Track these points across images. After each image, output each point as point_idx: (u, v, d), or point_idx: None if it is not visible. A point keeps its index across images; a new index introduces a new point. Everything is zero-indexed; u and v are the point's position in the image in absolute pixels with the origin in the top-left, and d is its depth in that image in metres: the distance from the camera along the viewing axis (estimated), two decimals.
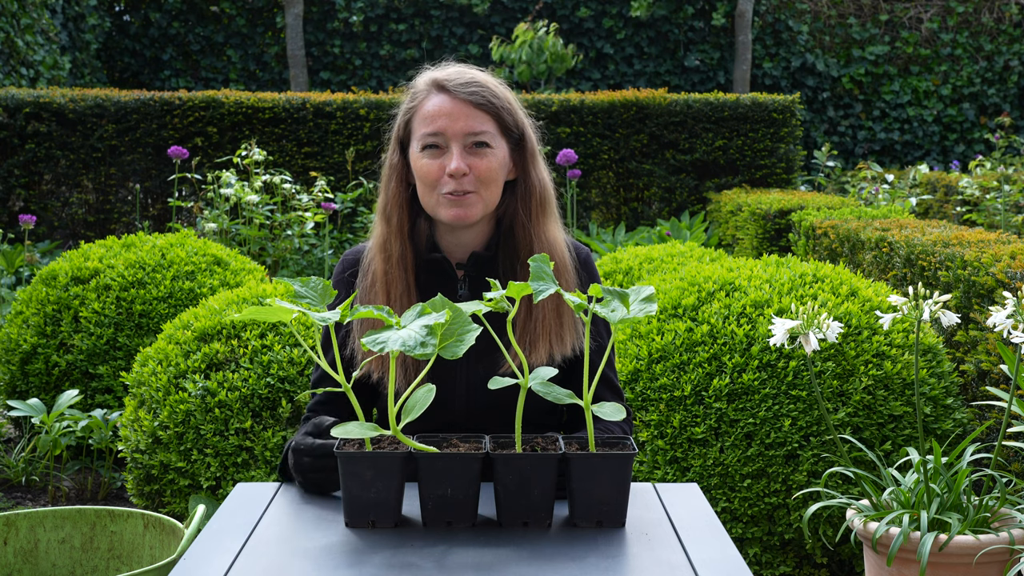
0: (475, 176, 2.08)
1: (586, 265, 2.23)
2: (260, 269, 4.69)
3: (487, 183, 2.09)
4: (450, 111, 2.08)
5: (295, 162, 8.76)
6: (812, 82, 14.26)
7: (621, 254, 5.01)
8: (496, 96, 2.11)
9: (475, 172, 2.08)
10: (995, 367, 3.16)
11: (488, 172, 2.08)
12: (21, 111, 8.57)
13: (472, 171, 2.08)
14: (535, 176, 2.16)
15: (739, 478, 2.95)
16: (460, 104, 2.08)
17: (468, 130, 2.08)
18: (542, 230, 2.15)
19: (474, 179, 2.08)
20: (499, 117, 2.10)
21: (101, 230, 8.81)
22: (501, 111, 2.10)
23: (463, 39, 14.07)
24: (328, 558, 1.61)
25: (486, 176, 2.08)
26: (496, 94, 2.11)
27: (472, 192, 2.08)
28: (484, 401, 2.09)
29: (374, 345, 1.60)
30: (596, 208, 9.39)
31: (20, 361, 4.27)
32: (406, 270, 2.12)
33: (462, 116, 2.08)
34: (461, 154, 2.07)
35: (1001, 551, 2.49)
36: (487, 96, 2.09)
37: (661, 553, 1.63)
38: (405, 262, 2.12)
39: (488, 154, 2.08)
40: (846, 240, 4.89)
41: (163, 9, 13.96)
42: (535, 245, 2.13)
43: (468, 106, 2.08)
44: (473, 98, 2.08)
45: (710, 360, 3.02)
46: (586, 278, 2.20)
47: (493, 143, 2.09)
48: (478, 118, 2.08)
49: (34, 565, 2.38)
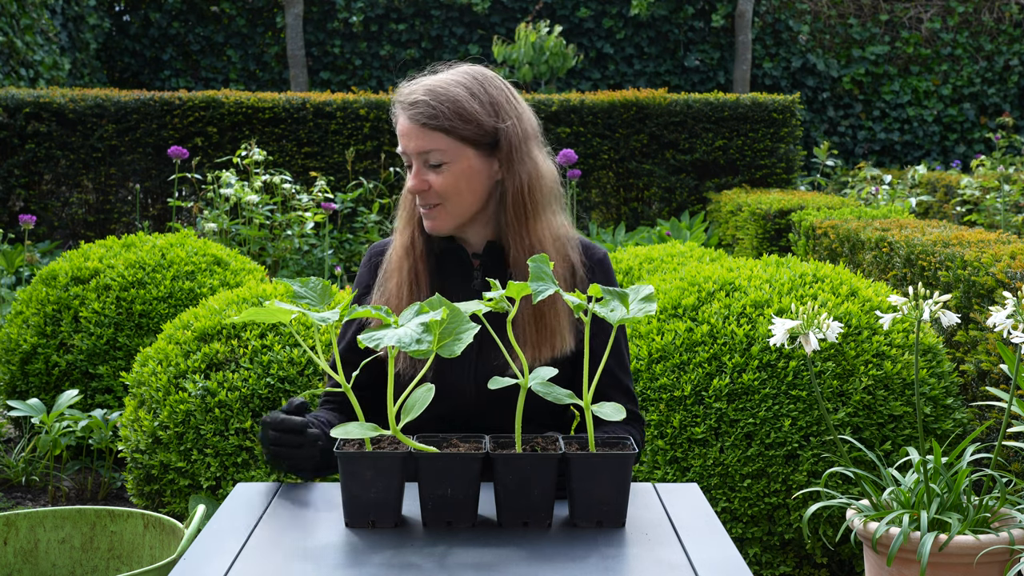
0: (434, 191, 2.12)
1: (600, 265, 2.22)
2: (260, 269, 4.69)
3: (448, 197, 2.12)
4: (406, 131, 2.11)
5: (295, 162, 8.77)
6: (812, 82, 14.26)
7: (621, 254, 5.01)
8: (445, 112, 2.08)
9: (434, 188, 2.11)
10: (995, 367, 3.16)
11: (445, 188, 2.11)
12: (21, 111, 8.57)
13: (431, 187, 2.11)
14: (516, 175, 2.15)
15: (739, 478, 2.95)
16: (411, 124, 2.10)
17: (419, 150, 2.11)
18: (527, 230, 2.14)
19: (434, 194, 2.12)
20: (452, 131, 2.09)
21: (101, 230, 8.81)
22: (455, 125, 2.09)
23: (463, 39, 14.08)
24: (328, 558, 1.61)
25: (444, 191, 2.11)
26: (446, 110, 2.09)
27: (437, 205, 2.13)
28: (494, 392, 2.10)
29: (371, 342, 1.61)
30: (596, 208, 9.39)
31: (20, 361, 4.26)
32: (416, 260, 2.18)
33: (414, 136, 2.10)
34: (420, 171, 2.12)
35: (1001, 551, 2.49)
36: (434, 114, 2.08)
37: (661, 553, 1.63)
38: (415, 252, 2.18)
39: (444, 170, 2.10)
40: (846, 240, 4.89)
41: (163, 9, 13.96)
42: (518, 247, 2.14)
43: (417, 126, 2.10)
44: (419, 119, 2.09)
45: (710, 360, 3.02)
46: (601, 279, 2.19)
47: (449, 158, 2.10)
48: (427, 137, 2.09)
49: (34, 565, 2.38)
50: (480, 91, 2.13)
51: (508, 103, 2.16)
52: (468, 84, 2.13)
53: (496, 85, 2.17)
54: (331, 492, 1.91)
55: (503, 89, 2.18)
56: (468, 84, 2.13)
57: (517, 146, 2.15)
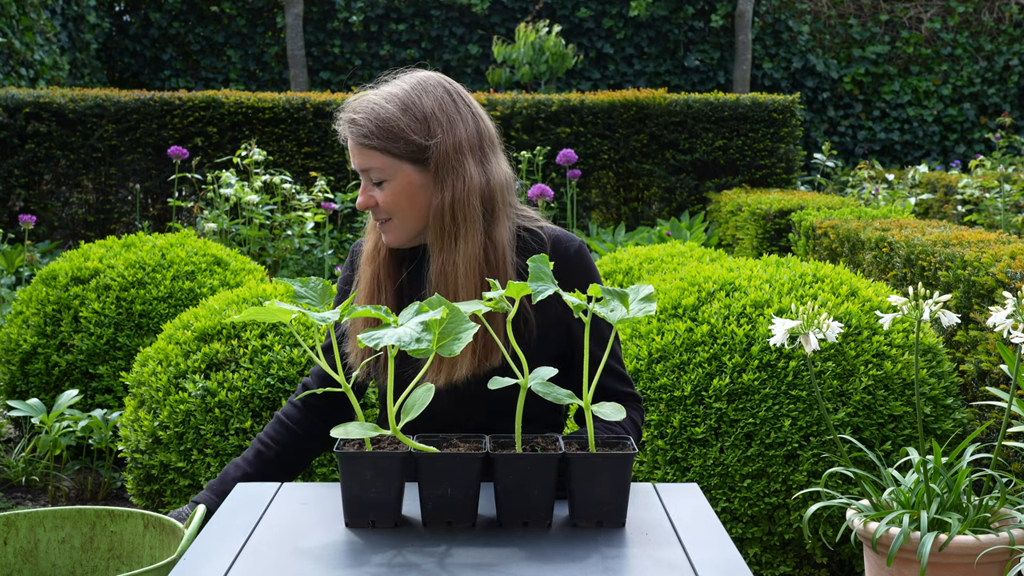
0: (381, 208, 2.15)
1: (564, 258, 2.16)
2: (260, 269, 4.69)
3: (394, 212, 2.14)
4: (350, 148, 2.15)
5: (295, 162, 8.77)
6: (812, 82, 14.26)
7: (621, 254, 5.01)
8: (376, 131, 2.09)
9: (380, 204, 2.14)
10: (995, 367, 3.16)
11: (388, 204, 2.13)
12: (21, 111, 8.57)
13: (377, 203, 2.14)
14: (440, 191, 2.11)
15: (739, 478, 2.95)
16: (352, 142, 2.14)
17: (360, 167, 2.14)
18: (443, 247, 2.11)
19: (381, 209, 2.15)
20: (384, 150, 2.10)
21: (101, 230, 8.81)
22: (385, 145, 2.10)
23: (463, 39, 14.08)
24: (328, 558, 1.61)
25: (388, 207, 2.14)
26: (375, 129, 2.09)
27: (387, 220, 2.16)
28: (465, 393, 2.11)
29: (370, 341, 1.61)
30: (596, 208, 9.39)
31: (20, 361, 4.27)
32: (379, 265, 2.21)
33: (355, 154, 2.14)
34: (366, 188, 2.15)
35: (1001, 551, 2.49)
36: (366, 134, 2.10)
37: (661, 553, 1.63)
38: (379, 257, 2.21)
39: (386, 187, 2.13)
40: (846, 240, 4.89)
41: (163, 9, 13.96)
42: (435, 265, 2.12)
43: (355, 144, 2.13)
44: (356, 138, 2.12)
45: (710, 360, 3.02)
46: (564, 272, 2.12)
47: (388, 175, 2.12)
48: (365, 155, 2.12)
49: (34, 565, 2.38)
50: (415, 104, 2.11)
51: (443, 113, 2.12)
52: (404, 99, 2.11)
53: (435, 95, 2.13)
54: (331, 492, 1.91)
55: (441, 99, 2.13)
56: (404, 99, 2.11)
57: (444, 162, 2.11)
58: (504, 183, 2.19)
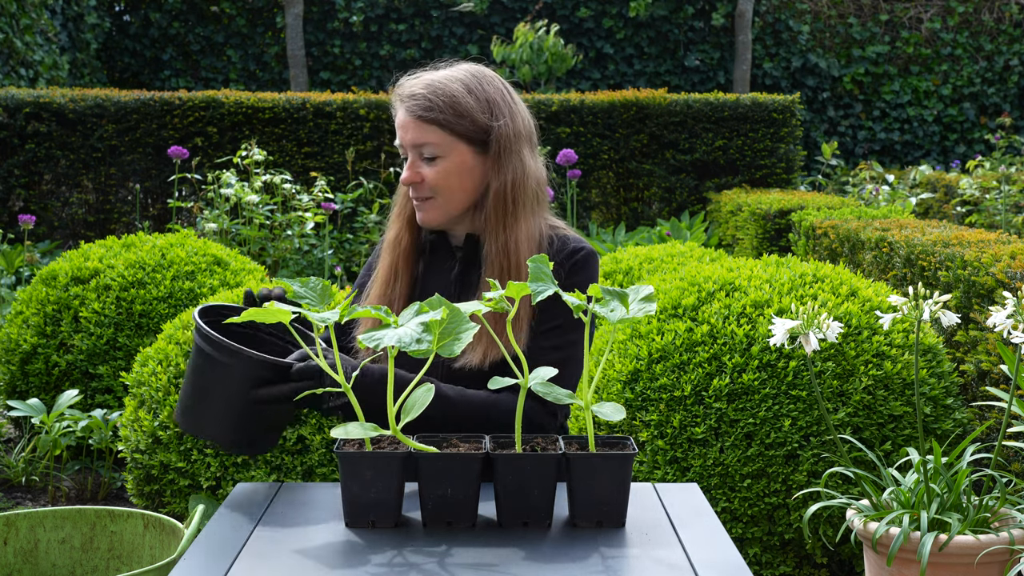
0: (427, 184, 2.16)
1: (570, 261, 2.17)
2: (260, 269, 4.69)
3: (441, 191, 2.16)
4: (403, 123, 2.16)
5: (295, 162, 8.77)
6: (812, 82, 14.26)
7: (621, 254, 5.01)
8: (442, 105, 2.13)
9: (427, 181, 2.16)
10: (995, 367, 3.16)
11: (437, 182, 2.15)
12: (21, 111, 8.57)
13: (424, 180, 2.16)
14: (502, 174, 2.17)
15: (739, 478, 2.95)
16: (408, 117, 2.15)
17: (414, 142, 2.15)
18: (503, 229, 2.16)
19: (427, 187, 2.17)
20: (446, 125, 2.13)
21: (101, 230, 8.81)
22: (449, 119, 2.13)
23: (463, 39, 14.08)
24: (328, 558, 1.61)
25: (436, 185, 2.16)
26: (442, 104, 2.13)
27: (430, 198, 2.18)
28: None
29: (370, 342, 1.61)
30: (596, 208, 9.39)
31: (20, 361, 4.26)
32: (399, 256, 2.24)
33: (410, 128, 2.15)
34: (414, 164, 2.17)
35: (1001, 551, 2.49)
36: (430, 107, 2.13)
37: (661, 553, 1.63)
38: (400, 247, 2.25)
39: (438, 164, 2.15)
40: (846, 240, 4.89)
41: (163, 9, 13.96)
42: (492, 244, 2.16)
43: (413, 118, 2.14)
44: (415, 111, 2.14)
45: (710, 360, 3.02)
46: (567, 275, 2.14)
47: (443, 152, 2.14)
48: (422, 130, 2.14)
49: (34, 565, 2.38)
50: (477, 88, 2.17)
51: (504, 102, 2.19)
52: (466, 81, 2.17)
53: (495, 84, 2.20)
54: (331, 492, 1.91)
55: (501, 88, 2.21)
56: (466, 81, 2.17)
57: (507, 146, 2.17)
58: (545, 179, 2.27)
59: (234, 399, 1.88)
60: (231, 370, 1.87)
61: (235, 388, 1.88)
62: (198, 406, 1.94)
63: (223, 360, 1.87)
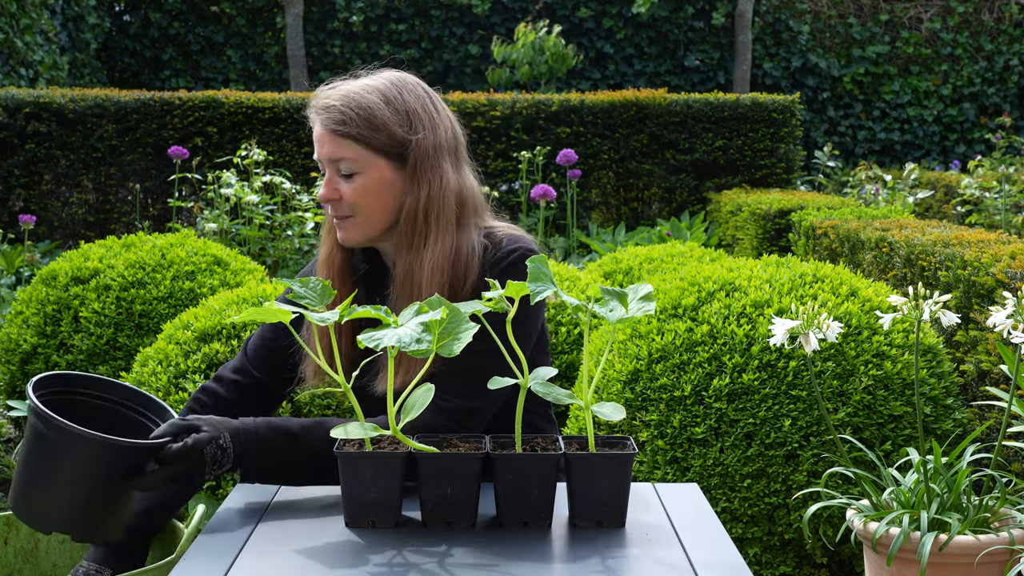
0: (345, 202, 2.06)
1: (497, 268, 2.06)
2: (260, 269, 4.69)
3: (359, 208, 2.05)
4: (318, 137, 2.05)
5: (295, 162, 8.77)
6: (812, 82, 14.26)
7: (621, 254, 5.01)
8: (357, 119, 2.02)
9: (345, 198, 2.05)
10: (995, 367, 3.16)
11: (355, 199, 2.05)
12: (21, 111, 8.57)
13: (342, 197, 2.05)
14: (416, 190, 2.05)
15: (739, 478, 2.95)
16: (323, 130, 2.04)
17: (330, 157, 2.05)
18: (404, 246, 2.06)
19: (346, 205, 2.06)
20: (362, 139, 2.02)
21: (101, 230, 8.81)
22: (364, 133, 2.02)
23: (463, 39, 14.08)
24: (328, 558, 1.61)
25: (354, 203, 2.05)
26: (356, 117, 2.01)
27: (349, 216, 2.07)
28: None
29: (370, 342, 1.61)
30: (596, 208, 9.39)
31: (20, 361, 4.27)
32: (333, 275, 2.15)
33: (326, 143, 2.04)
34: (331, 180, 2.06)
35: (1001, 551, 2.49)
36: (343, 120, 2.01)
37: (661, 553, 1.63)
38: (333, 267, 2.15)
39: (355, 180, 2.04)
40: (846, 240, 4.89)
41: (163, 9, 13.96)
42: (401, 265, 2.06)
43: (328, 132, 2.03)
44: (329, 125, 2.03)
45: (710, 360, 3.02)
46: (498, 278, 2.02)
47: (360, 168, 2.04)
48: (337, 144, 2.03)
49: (34, 565, 2.38)
50: (396, 98, 2.06)
51: (425, 112, 2.08)
52: (385, 91, 2.06)
53: (416, 93, 2.09)
54: (331, 492, 1.91)
55: (423, 97, 2.10)
56: (385, 91, 2.06)
57: (424, 159, 2.06)
58: (474, 192, 2.14)
59: (95, 486, 1.75)
60: (86, 455, 1.72)
61: (92, 473, 1.74)
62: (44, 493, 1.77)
63: (83, 446, 1.72)
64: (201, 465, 1.79)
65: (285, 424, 1.89)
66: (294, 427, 1.89)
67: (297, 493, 1.92)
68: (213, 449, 1.80)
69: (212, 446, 1.80)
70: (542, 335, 2.20)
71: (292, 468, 1.88)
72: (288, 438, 1.87)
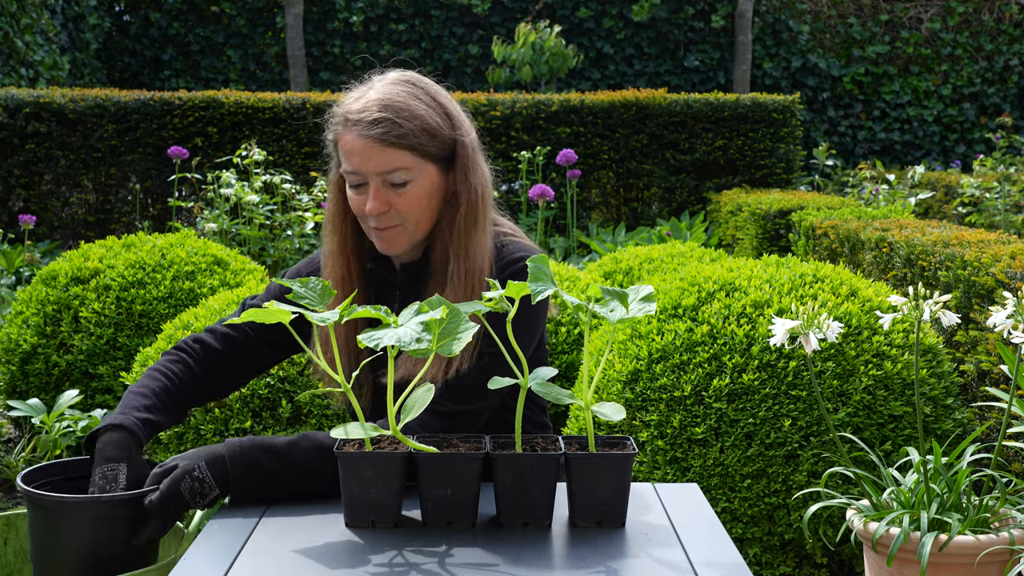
0: (396, 211, 2.02)
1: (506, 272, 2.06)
2: (260, 269, 4.69)
3: (409, 217, 2.03)
4: (362, 150, 1.99)
5: (295, 162, 8.77)
6: (812, 82, 14.26)
7: (621, 254, 5.01)
8: (407, 127, 1.98)
9: (395, 208, 2.02)
10: (995, 367, 3.16)
11: (408, 208, 2.02)
12: (21, 111, 8.58)
13: (392, 207, 2.02)
14: (465, 190, 2.04)
15: (739, 478, 2.95)
16: (369, 143, 1.98)
17: (381, 169, 2.00)
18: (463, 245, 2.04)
19: (395, 214, 2.03)
20: (415, 147, 2.00)
21: (101, 230, 8.81)
22: (416, 141, 1.99)
23: (463, 39, 14.08)
24: (328, 558, 1.61)
25: (407, 212, 2.02)
26: (406, 125, 1.98)
27: (396, 226, 2.04)
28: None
29: (371, 342, 1.61)
30: (596, 208, 9.39)
31: (20, 361, 4.27)
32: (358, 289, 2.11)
33: (373, 155, 1.99)
34: (379, 192, 2.01)
35: (1001, 551, 2.49)
36: (396, 131, 1.98)
37: (661, 553, 1.63)
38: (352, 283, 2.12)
39: (408, 189, 2.01)
40: (846, 240, 4.89)
41: (163, 9, 13.96)
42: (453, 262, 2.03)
43: (378, 144, 1.98)
44: (381, 137, 1.98)
45: (710, 360, 3.02)
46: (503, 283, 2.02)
47: (412, 176, 2.01)
48: (389, 155, 1.99)
49: None
50: (432, 102, 2.04)
51: (456, 110, 2.07)
52: (420, 96, 2.04)
53: (443, 94, 2.08)
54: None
55: (447, 95, 2.08)
56: (420, 96, 2.04)
57: (470, 158, 2.05)
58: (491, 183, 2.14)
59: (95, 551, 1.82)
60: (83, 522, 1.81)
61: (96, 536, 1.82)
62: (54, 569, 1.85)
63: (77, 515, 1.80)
64: (183, 502, 1.81)
65: (271, 442, 1.87)
66: (280, 444, 1.87)
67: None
68: (189, 483, 1.81)
69: (187, 480, 1.81)
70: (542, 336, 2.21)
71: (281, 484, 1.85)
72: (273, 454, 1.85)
